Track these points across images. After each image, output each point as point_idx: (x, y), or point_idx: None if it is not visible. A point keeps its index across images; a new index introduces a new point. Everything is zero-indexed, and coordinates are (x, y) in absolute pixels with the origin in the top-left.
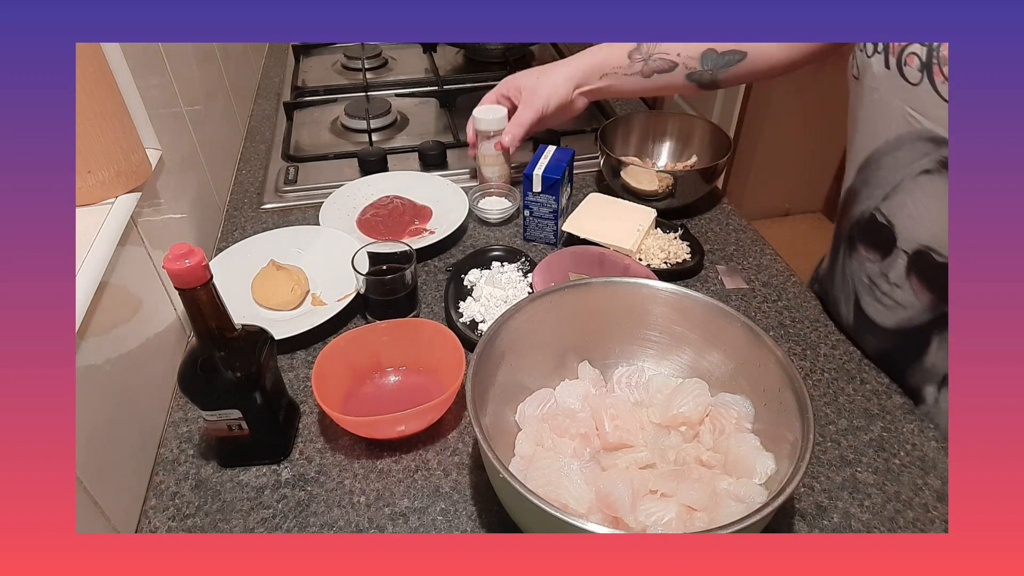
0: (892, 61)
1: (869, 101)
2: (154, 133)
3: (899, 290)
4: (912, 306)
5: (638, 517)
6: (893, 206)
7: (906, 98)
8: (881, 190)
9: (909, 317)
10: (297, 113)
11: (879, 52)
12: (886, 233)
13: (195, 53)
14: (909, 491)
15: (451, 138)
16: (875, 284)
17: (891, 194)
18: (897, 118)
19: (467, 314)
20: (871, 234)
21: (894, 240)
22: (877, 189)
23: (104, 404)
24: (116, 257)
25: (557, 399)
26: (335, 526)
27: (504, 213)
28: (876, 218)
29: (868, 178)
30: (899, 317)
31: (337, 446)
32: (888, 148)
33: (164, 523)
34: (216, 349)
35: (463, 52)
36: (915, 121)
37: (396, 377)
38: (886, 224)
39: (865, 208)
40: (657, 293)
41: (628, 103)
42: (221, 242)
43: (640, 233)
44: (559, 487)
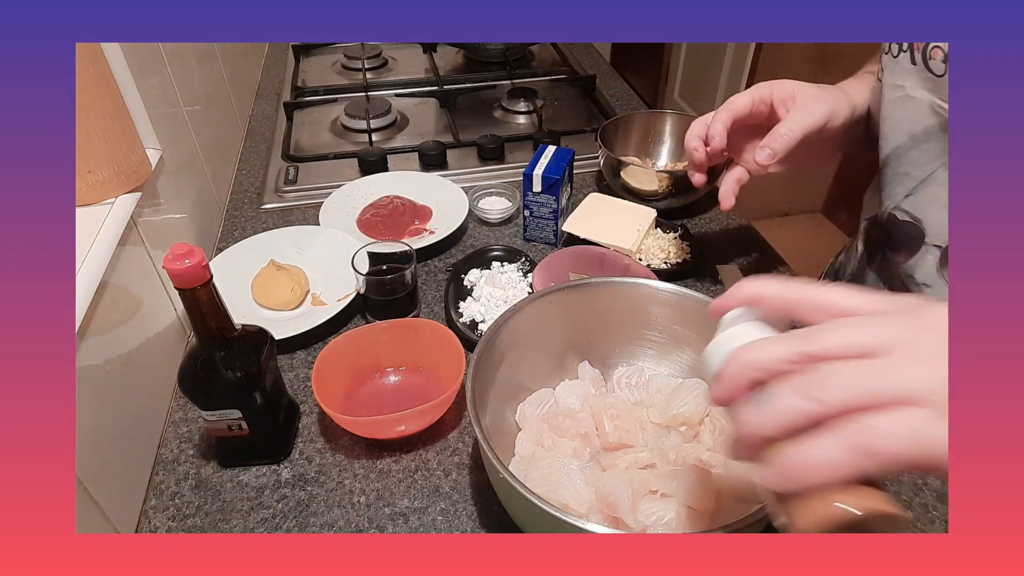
0: (918, 57)
1: (891, 99)
2: (154, 133)
3: (929, 289)
4: None
5: (638, 517)
6: (922, 201)
7: (933, 89)
8: (903, 187)
9: None
10: (297, 113)
11: (904, 51)
12: (911, 231)
13: (195, 53)
14: (909, 491)
15: (451, 138)
16: (904, 286)
17: (918, 188)
18: (924, 111)
19: (467, 314)
20: (895, 235)
21: (922, 236)
22: (899, 186)
23: (104, 404)
24: (116, 257)
25: (557, 399)
26: (335, 526)
27: (504, 213)
28: (897, 217)
29: (889, 176)
30: None
31: (337, 446)
32: (913, 143)
33: (164, 523)
34: (216, 349)
35: (463, 52)
36: (943, 111)
37: (396, 377)
38: (910, 221)
39: (885, 209)
40: (657, 293)
41: (628, 103)
42: (221, 242)
43: (640, 233)
44: (559, 487)
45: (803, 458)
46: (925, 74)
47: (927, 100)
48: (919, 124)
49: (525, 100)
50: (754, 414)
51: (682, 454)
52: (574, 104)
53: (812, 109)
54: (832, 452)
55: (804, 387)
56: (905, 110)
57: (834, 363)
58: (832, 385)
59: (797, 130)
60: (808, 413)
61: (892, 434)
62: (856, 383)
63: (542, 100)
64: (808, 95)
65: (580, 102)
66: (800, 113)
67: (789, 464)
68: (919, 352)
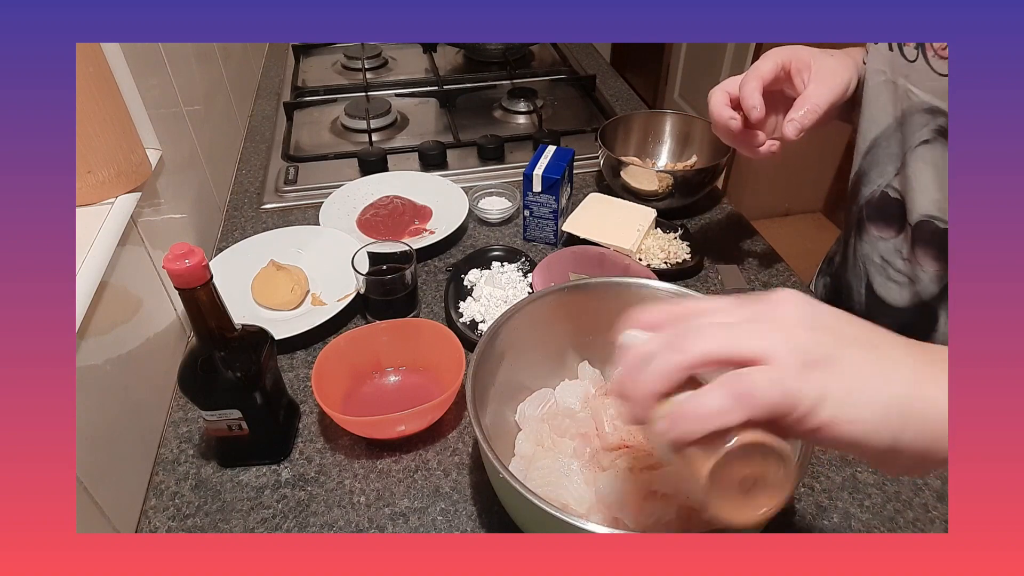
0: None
1: (875, 84)
2: (154, 133)
3: (909, 264)
4: (919, 279)
5: (638, 517)
6: (903, 181)
7: (907, 75)
8: (892, 166)
9: (918, 291)
10: (297, 113)
11: None
12: (898, 208)
13: (195, 53)
14: (909, 491)
15: (451, 138)
16: (888, 263)
17: (900, 169)
18: (901, 95)
19: (467, 314)
20: (883, 211)
21: (906, 214)
22: (888, 166)
23: (104, 404)
24: (116, 257)
25: (557, 399)
26: (335, 526)
27: (504, 213)
28: (888, 194)
29: (878, 157)
30: (910, 293)
31: (337, 446)
32: (896, 125)
33: (164, 523)
34: (216, 349)
35: (463, 52)
36: (914, 95)
37: (396, 377)
38: (898, 199)
39: (876, 187)
40: (657, 293)
41: (628, 103)
42: (221, 242)
43: (640, 233)
44: (559, 487)
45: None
46: (900, 60)
47: (903, 86)
48: (898, 108)
49: (525, 100)
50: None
51: None
52: (574, 104)
53: (834, 81)
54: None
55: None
56: (886, 94)
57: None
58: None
59: (823, 103)
60: (679, 364)
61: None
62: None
63: (542, 100)
64: (825, 65)
65: (580, 102)
66: (824, 85)
67: (678, 413)
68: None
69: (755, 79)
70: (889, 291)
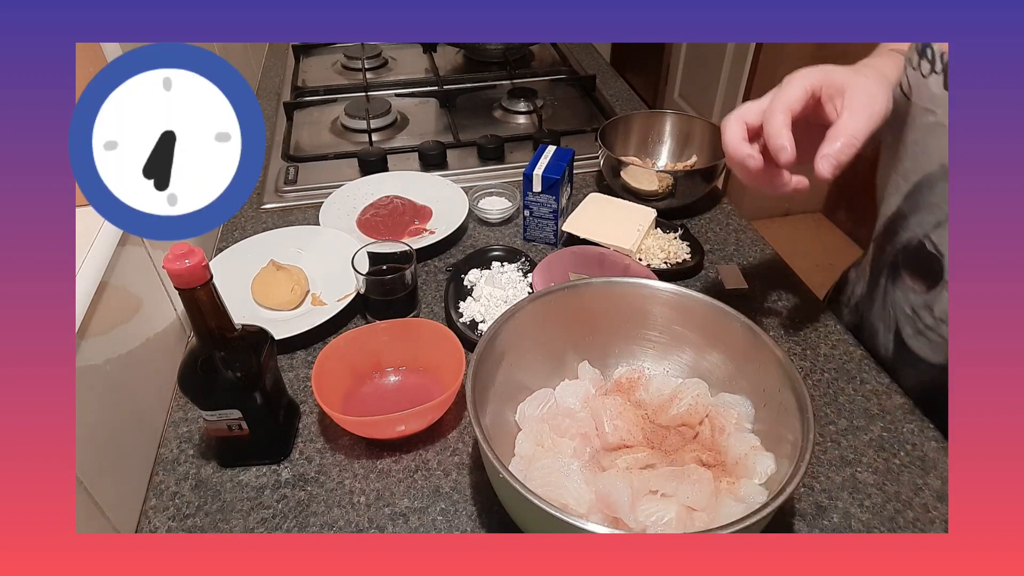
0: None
1: (923, 123)
2: None
3: (944, 326)
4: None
5: (638, 517)
6: (942, 236)
7: None
8: (933, 216)
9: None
10: (297, 113)
11: (936, 73)
12: (934, 264)
13: None
14: (909, 491)
15: (451, 138)
16: (918, 315)
17: (944, 222)
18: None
19: (467, 314)
20: (918, 263)
21: (941, 272)
22: (929, 215)
23: (104, 404)
24: (116, 257)
25: (557, 399)
26: (335, 526)
27: (504, 213)
28: (925, 246)
29: (919, 203)
30: (943, 352)
31: (337, 446)
32: (942, 173)
33: (164, 523)
34: (216, 349)
35: (463, 52)
36: None
37: (396, 377)
38: (935, 254)
39: (913, 235)
40: (657, 293)
41: (628, 103)
42: (221, 242)
43: (640, 233)
44: (559, 487)
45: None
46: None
47: None
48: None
49: (525, 100)
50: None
51: (682, 454)
52: (574, 104)
53: (873, 109)
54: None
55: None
56: (937, 137)
57: None
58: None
59: (861, 135)
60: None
61: None
62: None
63: (542, 100)
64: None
65: (580, 102)
66: (862, 114)
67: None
68: None
69: (782, 112)
70: (920, 345)
